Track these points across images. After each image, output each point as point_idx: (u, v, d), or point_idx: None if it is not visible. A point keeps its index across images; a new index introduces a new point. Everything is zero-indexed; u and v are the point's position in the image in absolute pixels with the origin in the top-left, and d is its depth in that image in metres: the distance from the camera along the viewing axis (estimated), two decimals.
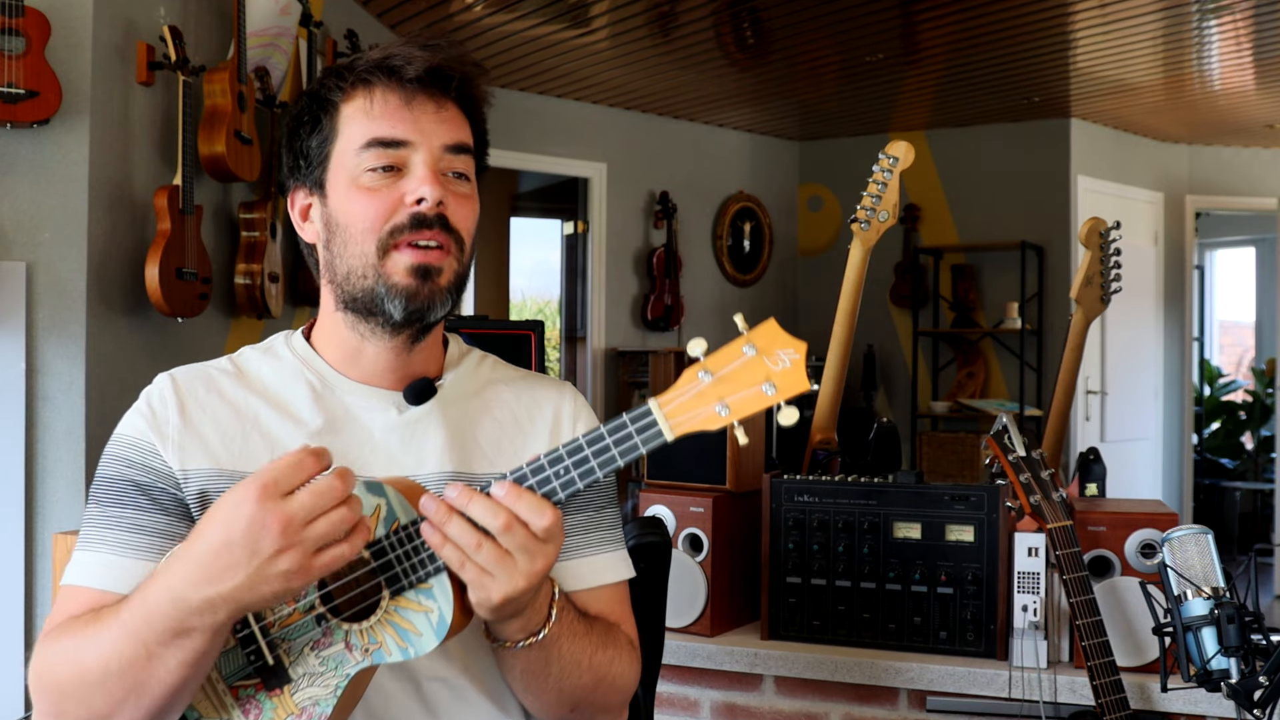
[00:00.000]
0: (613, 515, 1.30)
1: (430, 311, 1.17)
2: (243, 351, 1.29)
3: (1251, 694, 1.53)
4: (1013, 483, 1.86)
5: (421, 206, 1.15)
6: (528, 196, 8.15)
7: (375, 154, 1.17)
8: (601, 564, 1.27)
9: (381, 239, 1.16)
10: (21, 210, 2.63)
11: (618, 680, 1.22)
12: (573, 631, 1.15)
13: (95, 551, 1.15)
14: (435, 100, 1.19)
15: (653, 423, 1.02)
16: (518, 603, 1.05)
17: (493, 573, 1.02)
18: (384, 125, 1.17)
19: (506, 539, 1.02)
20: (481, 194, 1.28)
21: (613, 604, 1.27)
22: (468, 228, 1.20)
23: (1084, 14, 4.65)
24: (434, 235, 1.16)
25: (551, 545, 1.04)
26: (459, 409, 1.25)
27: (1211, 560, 1.62)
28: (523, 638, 1.11)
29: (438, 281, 1.17)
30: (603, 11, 4.68)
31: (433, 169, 1.17)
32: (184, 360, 1.31)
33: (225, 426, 1.20)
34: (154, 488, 1.17)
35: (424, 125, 1.18)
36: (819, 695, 2.13)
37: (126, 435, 1.20)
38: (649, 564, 1.67)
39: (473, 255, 1.24)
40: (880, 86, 5.92)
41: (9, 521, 2.60)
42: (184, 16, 3.10)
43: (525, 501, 1.02)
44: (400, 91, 1.18)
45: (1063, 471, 3.22)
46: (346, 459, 1.19)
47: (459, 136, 1.20)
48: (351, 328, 1.22)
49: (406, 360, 1.23)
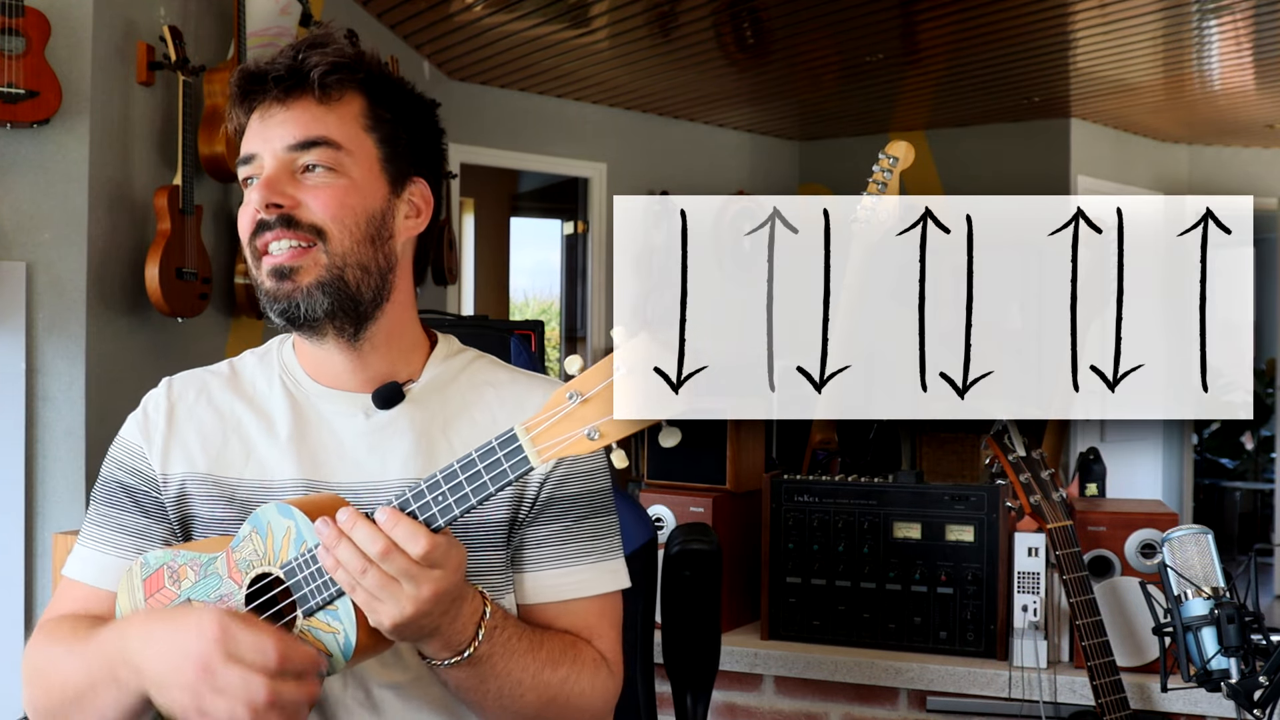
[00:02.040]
0: (596, 526, 1.26)
1: (297, 309, 1.16)
2: (244, 355, 1.32)
3: (1251, 694, 1.53)
4: (1013, 483, 1.86)
5: (261, 214, 1.16)
6: (528, 196, 8.15)
7: (242, 172, 1.20)
8: (576, 576, 1.23)
9: (251, 250, 1.19)
10: (21, 210, 2.63)
11: (574, 699, 1.18)
12: (509, 650, 1.13)
13: (88, 548, 1.24)
14: (279, 103, 1.18)
15: (519, 449, 1.00)
16: (418, 626, 1.04)
17: (380, 598, 1.02)
18: (245, 145, 1.20)
19: (387, 565, 1.01)
20: (436, 170, 1.27)
21: (588, 618, 1.24)
22: (330, 216, 1.16)
23: (1084, 14, 4.65)
24: (278, 235, 1.16)
25: (439, 571, 1.02)
26: (432, 411, 1.23)
27: (1211, 560, 1.62)
28: (446, 656, 1.09)
29: (296, 279, 1.16)
30: (603, 11, 4.68)
31: (269, 173, 1.16)
32: (183, 360, 1.33)
33: (208, 431, 1.24)
34: (138, 490, 1.23)
35: (269, 132, 1.18)
36: (819, 695, 2.13)
37: (123, 438, 1.27)
38: (694, 571, 1.66)
39: (367, 245, 1.19)
40: (880, 86, 5.91)
41: (9, 521, 2.60)
42: (184, 16, 3.10)
43: (402, 528, 1.02)
44: (246, 110, 1.20)
45: (1063, 471, 3.22)
46: (315, 464, 1.21)
47: (304, 133, 1.17)
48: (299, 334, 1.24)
49: (362, 361, 1.22)
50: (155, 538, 1.23)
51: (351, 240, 1.17)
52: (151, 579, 1.16)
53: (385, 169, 1.21)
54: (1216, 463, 8.55)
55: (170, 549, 1.18)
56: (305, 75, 1.17)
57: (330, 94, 1.18)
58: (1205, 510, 7.98)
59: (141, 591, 1.16)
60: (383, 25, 4.67)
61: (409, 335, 1.26)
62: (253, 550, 1.10)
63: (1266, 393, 8.45)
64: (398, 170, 1.22)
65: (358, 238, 1.18)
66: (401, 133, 1.22)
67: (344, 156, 1.17)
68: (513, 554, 1.24)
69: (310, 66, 1.17)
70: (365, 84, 1.20)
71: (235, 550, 1.11)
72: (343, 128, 1.18)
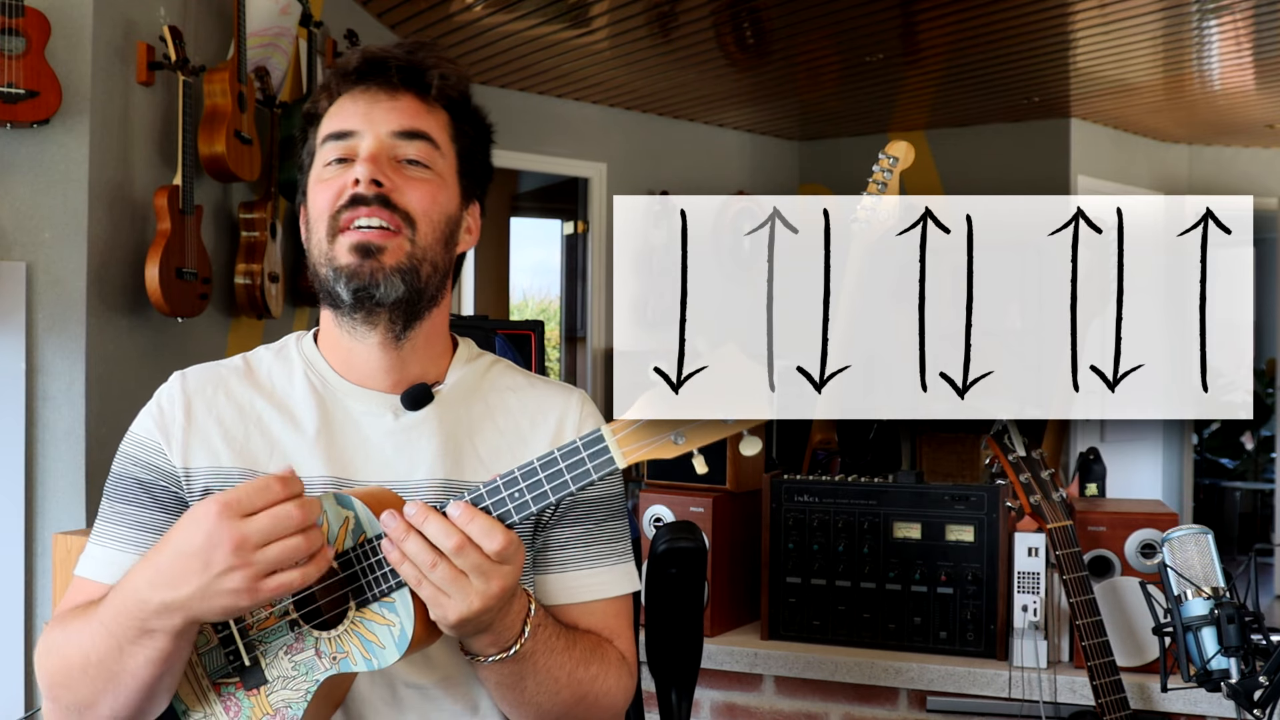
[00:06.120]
0: (615, 528, 1.29)
1: (376, 289, 1.17)
2: (256, 351, 1.30)
3: (1251, 694, 1.53)
4: (1013, 483, 1.86)
5: (358, 187, 1.16)
6: (528, 196, 8.14)
7: (330, 148, 1.21)
8: (598, 578, 1.26)
9: (329, 224, 1.18)
10: (21, 210, 2.63)
11: (602, 698, 1.21)
12: (550, 648, 1.15)
13: (102, 546, 1.21)
14: (387, 91, 1.21)
15: (605, 449, 1.03)
16: (478, 621, 1.05)
17: (448, 592, 1.03)
18: (337, 120, 1.21)
19: (460, 560, 1.02)
20: (485, 198, 1.30)
21: (607, 618, 1.26)
22: (422, 209, 1.19)
23: (1084, 14, 4.65)
24: (372, 213, 1.16)
25: (508, 567, 1.04)
26: (458, 415, 1.25)
27: (1211, 560, 1.62)
28: (494, 652, 1.10)
29: (380, 259, 1.16)
30: (603, 11, 4.68)
31: (374, 151, 1.18)
32: (183, 360, 1.32)
33: (229, 425, 1.22)
34: (156, 486, 1.21)
35: (373, 114, 1.20)
36: (819, 695, 2.13)
37: (137, 434, 1.24)
38: (681, 569, 1.67)
39: (442, 246, 1.22)
40: (880, 86, 5.92)
41: (9, 521, 2.60)
42: (184, 16, 3.10)
43: (478, 523, 1.03)
44: (351, 87, 1.22)
45: (1063, 471, 3.22)
46: (342, 462, 1.20)
47: (410, 123, 1.20)
48: (340, 327, 1.23)
49: (399, 361, 1.23)
50: None
51: (433, 236, 1.21)
52: None
53: (460, 181, 1.25)
54: (1216, 463, 8.56)
55: None
56: (421, 73, 1.22)
57: (430, 97, 1.23)
58: (1205, 510, 7.99)
59: None
60: (383, 25, 4.68)
61: (441, 340, 1.29)
62: None
63: (1266, 393, 8.45)
64: (468, 185, 1.27)
65: (438, 236, 1.21)
66: (476, 152, 1.28)
67: (438, 156, 1.22)
68: (535, 555, 1.25)
69: (428, 66, 1.22)
70: (455, 100, 1.26)
71: None
72: (439, 131, 1.23)
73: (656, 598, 1.72)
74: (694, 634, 1.72)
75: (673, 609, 1.71)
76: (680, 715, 1.67)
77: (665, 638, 1.72)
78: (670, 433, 1.01)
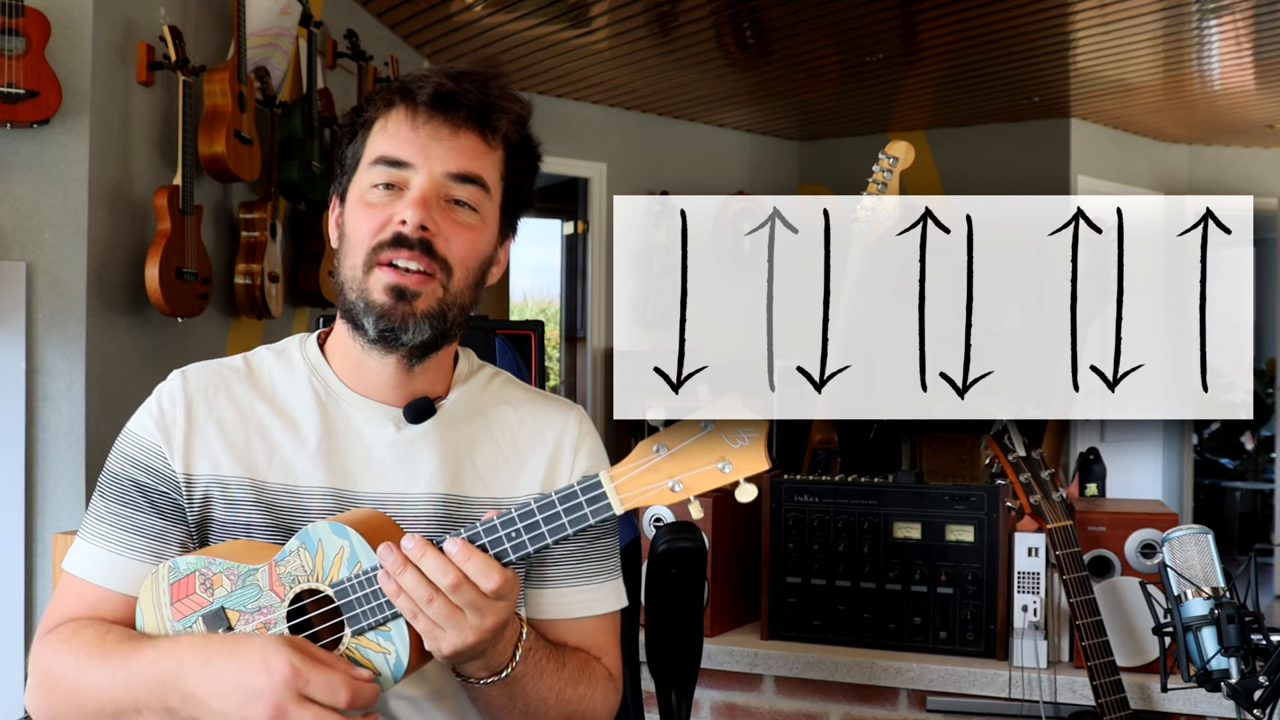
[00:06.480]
0: (606, 546, 1.29)
1: (404, 333, 1.16)
2: (258, 351, 1.28)
3: (1251, 694, 1.53)
4: (1013, 483, 1.86)
5: (404, 227, 1.14)
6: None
7: (380, 171, 1.17)
8: (588, 595, 1.26)
9: (368, 254, 1.16)
10: (21, 210, 2.63)
11: (589, 715, 1.22)
12: (540, 670, 1.16)
13: (95, 546, 1.19)
14: (450, 126, 1.18)
15: (602, 495, 1.04)
16: (472, 652, 1.06)
17: (443, 626, 1.03)
18: (392, 145, 1.18)
19: (456, 596, 1.03)
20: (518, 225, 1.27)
21: (596, 635, 1.27)
22: (460, 258, 1.18)
23: (1084, 14, 4.65)
24: (413, 257, 1.15)
25: (504, 603, 1.05)
26: (458, 429, 1.24)
27: (1211, 560, 1.62)
28: (485, 676, 1.11)
29: (413, 305, 1.15)
30: (603, 11, 4.68)
31: (426, 193, 1.16)
32: (183, 360, 1.30)
33: (229, 429, 1.21)
34: (154, 490, 1.19)
35: (431, 150, 1.17)
36: (819, 695, 2.13)
37: (135, 433, 1.22)
38: (681, 569, 1.68)
39: (473, 289, 1.21)
40: (880, 86, 5.92)
41: (9, 521, 2.60)
42: (184, 16, 3.10)
43: (475, 561, 1.03)
44: (414, 113, 1.18)
45: (1063, 471, 3.22)
46: (342, 473, 1.20)
47: (467, 166, 1.18)
48: (353, 339, 1.21)
49: (408, 378, 1.22)
50: (172, 541, 1.19)
51: (467, 283, 1.20)
52: (180, 584, 1.14)
53: (501, 218, 1.24)
54: (1216, 463, 8.56)
55: (201, 554, 1.15)
56: (490, 115, 1.19)
57: (492, 136, 1.20)
58: (1205, 510, 7.99)
59: (168, 596, 1.14)
60: (383, 25, 4.67)
61: (449, 359, 1.28)
62: (299, 566, 1.10)
63: (1266, 393, 8.45)
64: (507, 222, 1.25)
65: (471, 281, 1.20)
66: (521, 188, 1.26)
67: (486, 200, 1.20)
68: (527, 571, 1.26)
69: (498, 109, 1.20)
70: (514, 140, 1.23)
71: (280, 564, 1.11)
72: (493, 172, 1.21)
73: (656, 598, 1.72)
74: (694, 634, 1.72)
75: (673, 609, 1.71)
76: (680, 715, 1.67)
77: (665, 638, 1.72)
78: (669, 480, 1.02)
